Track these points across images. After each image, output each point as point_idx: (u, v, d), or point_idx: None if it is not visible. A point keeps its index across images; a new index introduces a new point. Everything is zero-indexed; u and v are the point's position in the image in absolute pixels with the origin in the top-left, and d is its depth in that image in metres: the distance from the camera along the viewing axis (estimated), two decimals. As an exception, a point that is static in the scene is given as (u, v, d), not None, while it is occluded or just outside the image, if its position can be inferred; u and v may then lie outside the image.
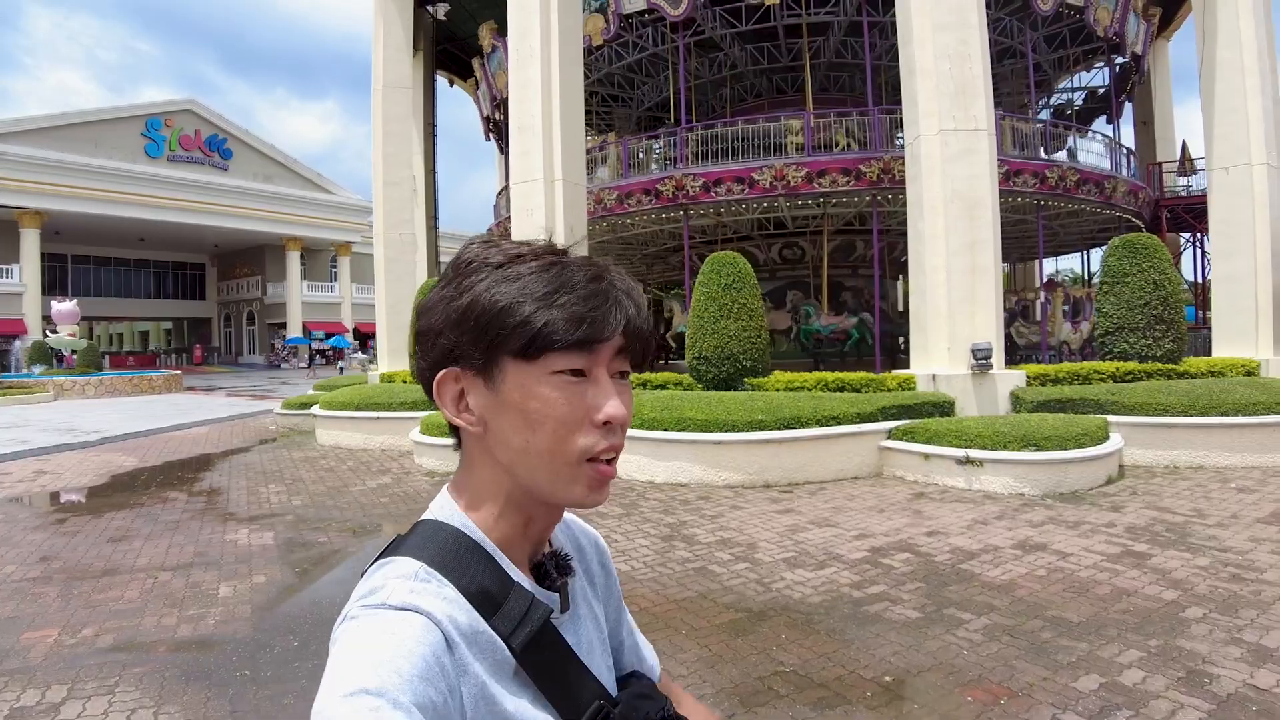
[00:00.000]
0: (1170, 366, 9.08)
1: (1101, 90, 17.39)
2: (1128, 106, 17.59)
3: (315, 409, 11.91)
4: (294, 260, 40.08)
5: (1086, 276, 20.11)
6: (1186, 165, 16.63)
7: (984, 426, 6.95)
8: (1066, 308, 14.81)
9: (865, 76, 15.78)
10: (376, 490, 7.88)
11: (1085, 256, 20.07)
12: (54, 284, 35.70)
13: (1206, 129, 10.96)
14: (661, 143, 15.77)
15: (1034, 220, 14.58)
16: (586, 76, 16.00)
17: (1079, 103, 18.68)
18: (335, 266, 45.09)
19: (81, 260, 38.57)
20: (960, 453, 6.77)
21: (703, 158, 13.39)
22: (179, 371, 25.36)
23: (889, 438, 7.51)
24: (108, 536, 6.21)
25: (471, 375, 0.63)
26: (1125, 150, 15.01)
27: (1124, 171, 14.51)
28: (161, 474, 9.27)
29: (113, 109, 32.42)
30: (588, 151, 13.26)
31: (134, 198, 32.04)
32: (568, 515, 0.78)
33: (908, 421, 7.58)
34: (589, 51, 14.46)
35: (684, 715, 0.73)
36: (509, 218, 14.56)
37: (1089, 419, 7.31)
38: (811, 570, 4.69)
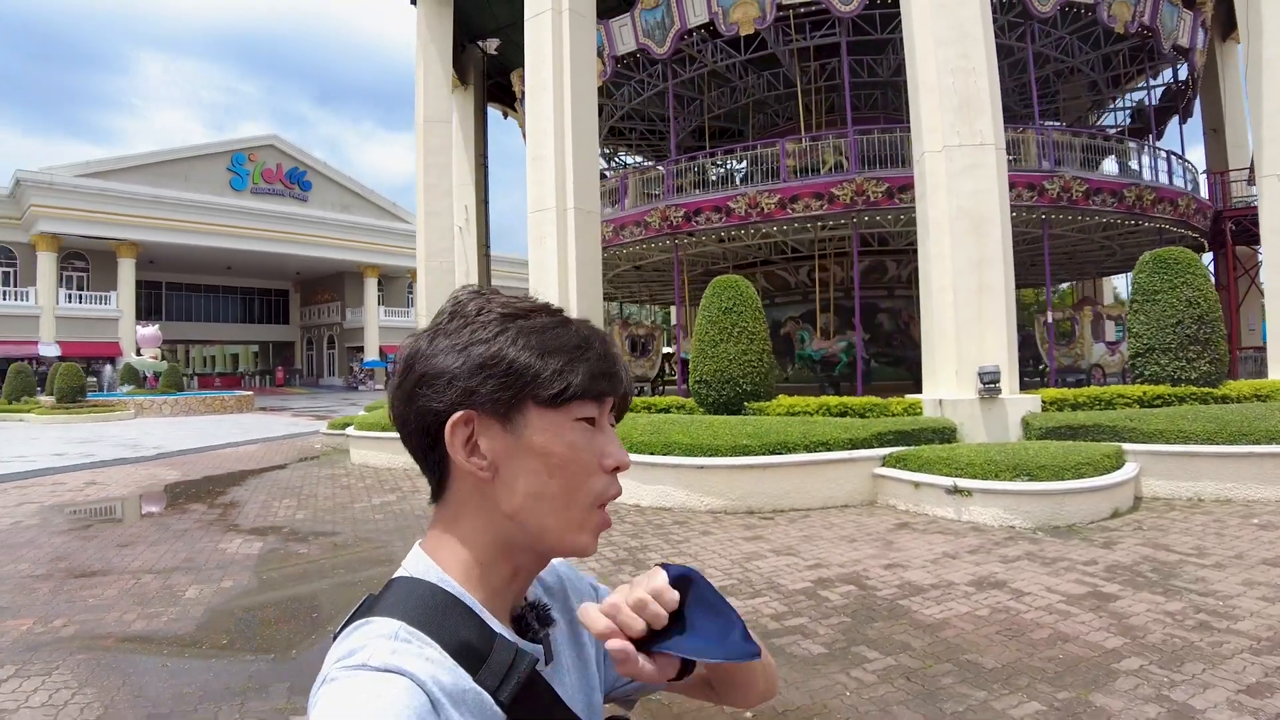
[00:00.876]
0: (1206, 390, 8.43)
1: (1158, 100, 16.49)
2: (1194, 115, 16.61)
3: (349, 429, 12.50)
4: (371, 286, 42.13)
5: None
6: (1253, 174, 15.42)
7: (976, 454, 6.65)
8: (1118, 329, 13.94)
9: (899, 93, 15.58)
10: (379, 507, 8.21)
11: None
12: (149, 309, 38.78)
13: (1255, 133, 10.27)
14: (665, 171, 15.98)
15: (1095, 238, 13.98)
16: (639, 92, 16.34)
17: (1126, 120, 17.81)
18: (412, 292, 47.08)
19: (175, 287, 41.73)
20: (949, 481, 6.51)
21: (704, 186, 13.56)
22: (251, 393, 27.04)
23: (883, 465, 7.28)
24: (117, 542, 6.74)
25: (487, 419, 0.63)
26: (1177, 161, 14.14)
27: (1175, 181, 13.68)
28: (194, 488, 9.93)
29: (201, 146, 35.17)
30: (605, 178, 13.53)
31: (220, 229, 34.55)
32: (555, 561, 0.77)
33: (902, 449, 7.32)
34: (618, 86, 14.80)
35: None
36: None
37: (1096, 447, 6.88)
38: (742, 600, 4.61)
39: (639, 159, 21.45)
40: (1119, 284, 26.71)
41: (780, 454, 7.14)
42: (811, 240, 13.83)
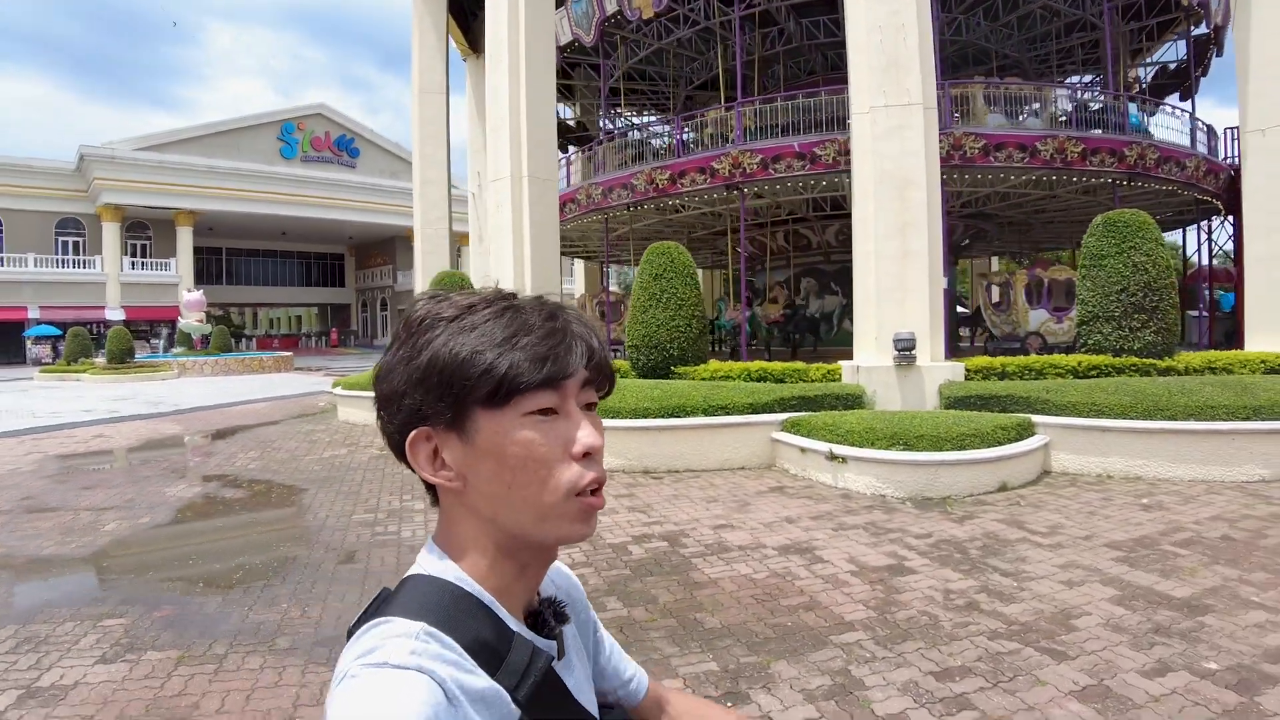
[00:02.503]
0: (1150, 362, 8.18)
1: (1174, 66, 15.46)
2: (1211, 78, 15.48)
3: (338, 389, 13.43)
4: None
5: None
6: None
7: (859, 422, 6.82)
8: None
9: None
10: (326, 460, 8.99)
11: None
12: (211, 274, 41.57)
13: (1240, 86, 9.62)
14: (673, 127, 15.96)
15: (1100, 200, 13.38)
16: (634, 53, 16.42)
17: (1147, 79, 16.70)
18: (460, 256, 48.50)
19: (235, 253, 44.38)
20: (827, 448, 6.70)
21: (705, 144, 13.55)
22: (290, 354, 28.85)
23: (781, 430, 7.50)
24: (83, 485, 7.73)
25: (443, 431, 0.63)
26: (1190, 120, 13.29)
27: (1195, 143, 12.90)
28: (181, 440, 11.03)
29: (251, 116, 37.08)
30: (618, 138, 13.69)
31: (272, 196, 36.50)
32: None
33: (801, 414, 7.52)
34: (638, 27, 14.73)
35: None
36: (576, 189, 15.44)
37: (992, 418, 6.93)
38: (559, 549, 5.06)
39: (648, 117, 21.44)
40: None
41: (678, 417, 7.47)
42: (797, 203, 13.75)
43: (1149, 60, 17.42)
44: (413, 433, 0.63)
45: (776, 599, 4.13)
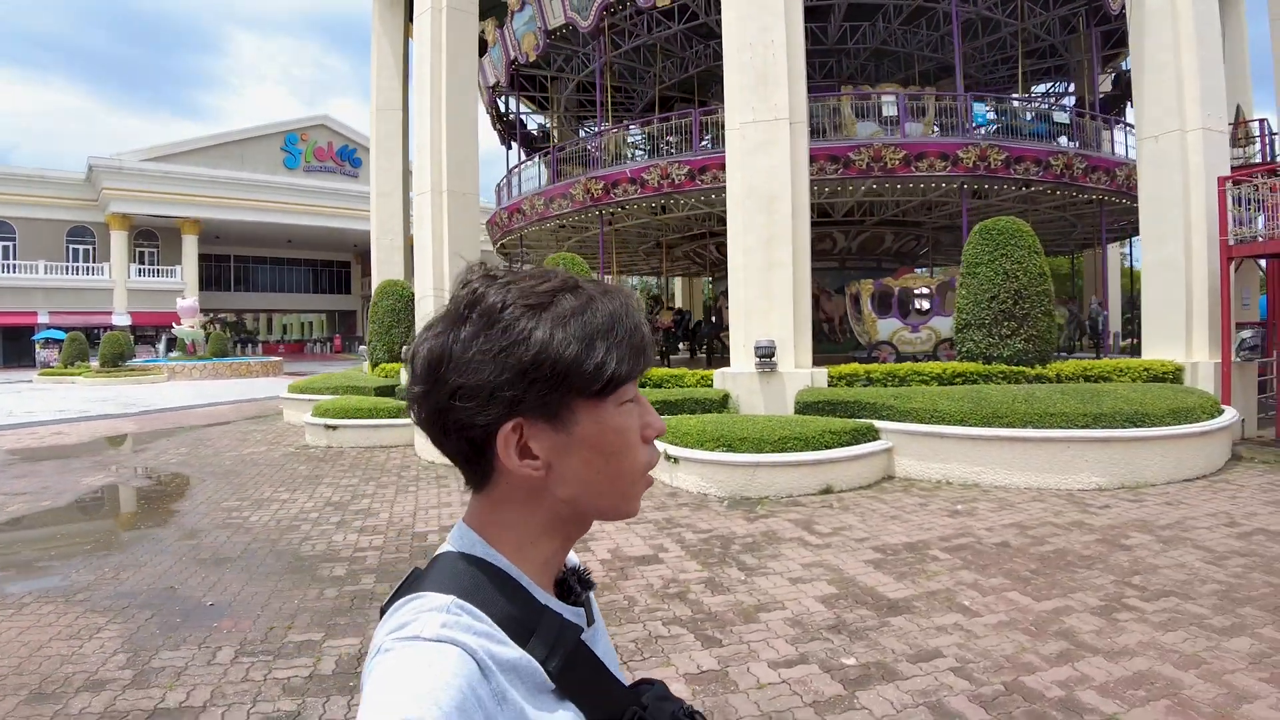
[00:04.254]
0: (1019, 369, 8.56)
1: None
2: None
3: (291, 393, 14.31)
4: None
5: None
6: (1241, 133, 14.33)
7: (695, 424, 7.36)
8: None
9: (840, 61, 15.64)
10: (242, 457, 9.82)
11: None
12: (218, 280, 43.35)
13: (1136, 92, 9.88)
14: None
15: (1043, 209, 13.74)
16: (585, 65, 17.07)
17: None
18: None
19: (241, 260, 46.11)
20: (662, 449, 7.24)
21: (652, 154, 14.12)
22: (280, 359, 30.25)
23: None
24: (15, 475, 8.69)
25: (535, 421, 0.63)
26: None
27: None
28: (129, 438, 11.97)
29: (255, 128, 38.74)
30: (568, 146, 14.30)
31: (275, 205, 38.02)
32: None
33: (666, 418, 8.08)
34: (635, 13, 15.12)
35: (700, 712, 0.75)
36: (505, 208, 16.18)
37: (823, 422, 7.35)
38: (351, 533, 5.78)
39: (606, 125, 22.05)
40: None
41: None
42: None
43: (1114, 70, 17.65)
44: (508, 425, 0.63)
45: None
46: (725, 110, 9.13)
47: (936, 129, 13.40)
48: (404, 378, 8.15)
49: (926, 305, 12.57)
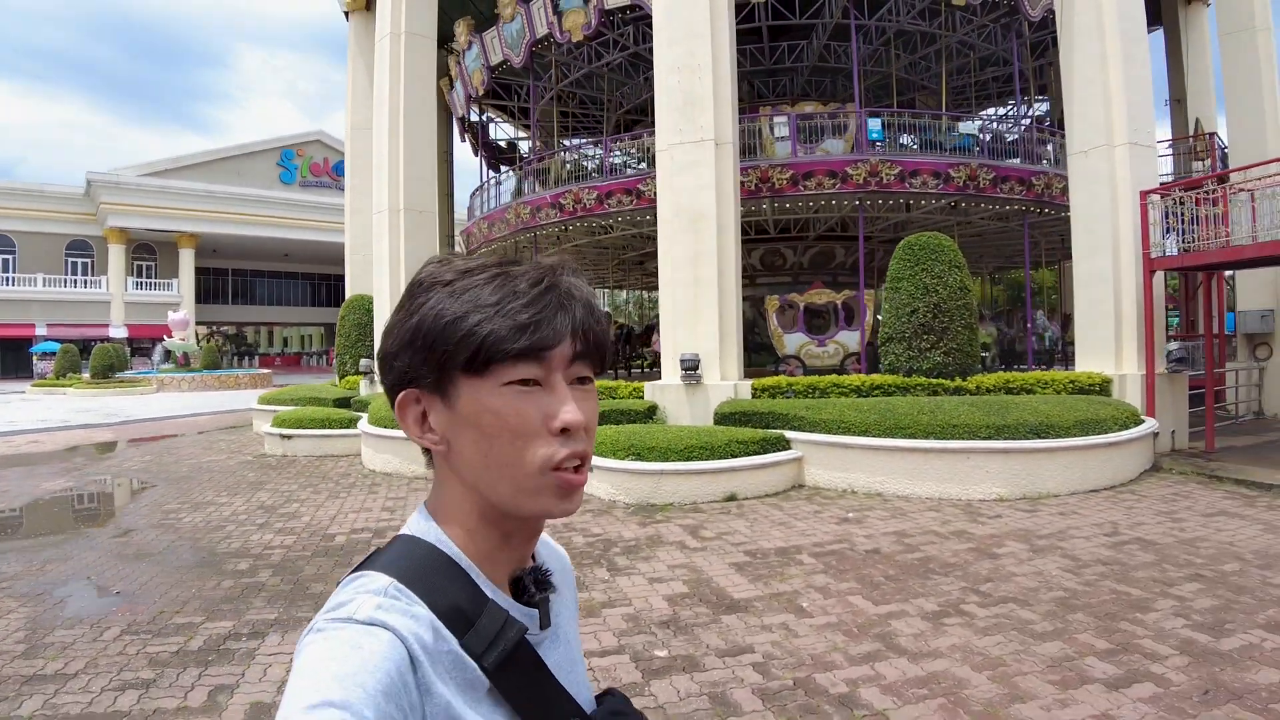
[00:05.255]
0: (938, 381, 8.84)
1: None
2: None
3: (262, 404, 14.77)
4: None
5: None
6: (1200, 146, 14.57)
7: (609, 434, 7.74)
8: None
9: (809, 79, 16.00)
10: (200, 464, 10.29)
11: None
12: (216, 294, 44.18)
13: (1066, 108, 10.15)
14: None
15: (1018, 229, 13.92)
16: (564, 75, 17.57)
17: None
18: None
19: (240, 273, 46.97)
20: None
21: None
22: (269, 371, 30.92)
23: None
24: (-23, 481, 9.11)
25: (430, 394, 0.64)
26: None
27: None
28: (104, 447, 12.45)
29: (251, 144, 39.71)
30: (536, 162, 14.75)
31: (272, 219, 38.87)
32: (543, 535, 0.79)
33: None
34: (569, 50, 15.72)
35: None
36: (463, 231, 16.67)
37: (731, 433, 7.70)
38: (269, 534, 6.19)
39: (579, 140, 22.43)
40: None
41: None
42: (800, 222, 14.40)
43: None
44: (402, 394, 0.65)
45: (292, 567, 5.38)
46: (655, 132, 9.53)
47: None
48: (364, 389, 8.60)
49: (832, 320, 12.70)
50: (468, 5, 16.98)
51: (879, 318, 12.72)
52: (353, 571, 0.64)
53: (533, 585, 0.71)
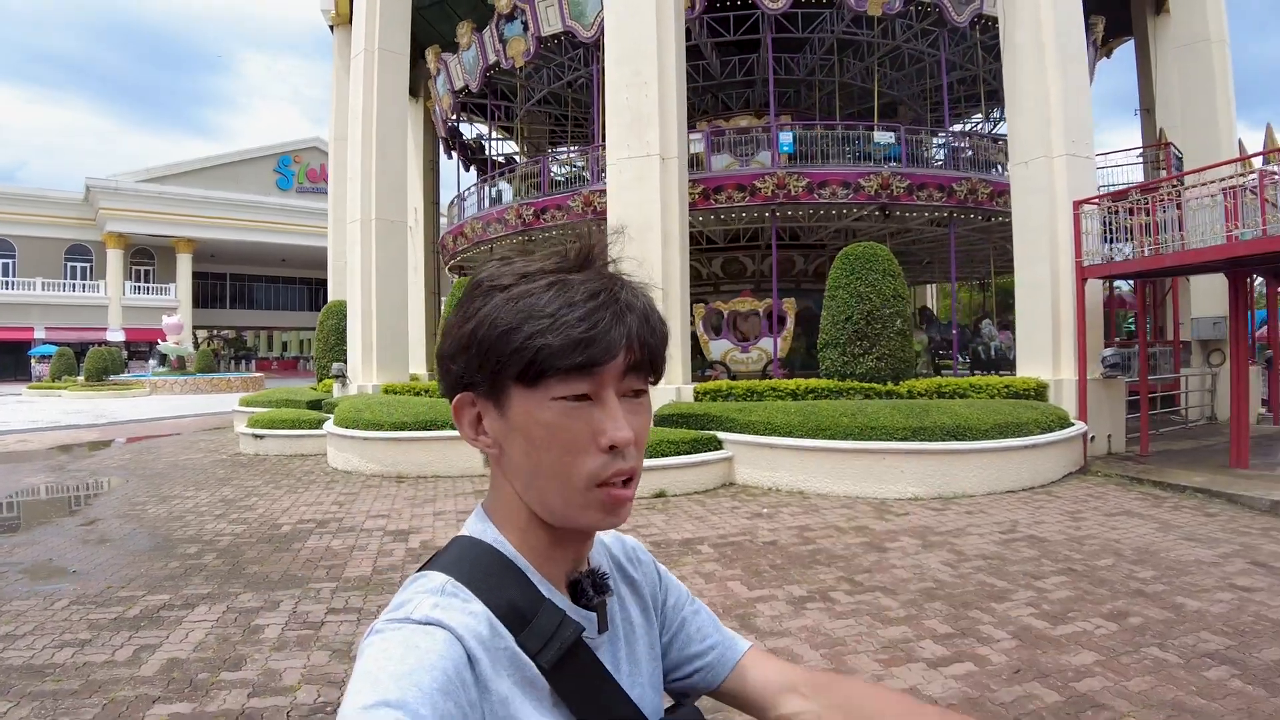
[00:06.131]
0: (870, 386, 9.33)
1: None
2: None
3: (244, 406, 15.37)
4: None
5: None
6: (1161, 154, 14.98)
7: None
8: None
9: (811, 91, 16.57)
10: (177, 463, 10.88)
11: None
12: (213, 298, 45.10)
13: (1009, 121, 10.67)
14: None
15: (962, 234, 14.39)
16: (557, 78, 18.18)
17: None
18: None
19: (237, 278, 47.89)
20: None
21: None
22: (261, 375, 31.69)
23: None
24: (-38, 477, 9.73)
25: (484, 399, 0.66)
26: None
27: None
28: (88, 446, 13.08)
29: (249, 150, 40.61)
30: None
31: (269, 225, 39.73)
32: (614, 532, 0.79)
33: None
34: (527, 75, 16.34)
35: None
36: (448, 231, 17.32)
37: (662, 433, 8.21)
38: (223, 524, 6.79)
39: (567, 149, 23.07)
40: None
41: (412, 430, 9.02)
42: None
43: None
44: (457, 396, 0.67)
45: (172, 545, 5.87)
46: (606, 147, 10.09)
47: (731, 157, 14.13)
48: (336, 391, 9.32)
49: (755, 327, 13.06)
50: (433, 34, 17.97)
51: (797, 328, 13.26)
52: (416, 572, 0.66)
53: (591, 589, 0.71)
